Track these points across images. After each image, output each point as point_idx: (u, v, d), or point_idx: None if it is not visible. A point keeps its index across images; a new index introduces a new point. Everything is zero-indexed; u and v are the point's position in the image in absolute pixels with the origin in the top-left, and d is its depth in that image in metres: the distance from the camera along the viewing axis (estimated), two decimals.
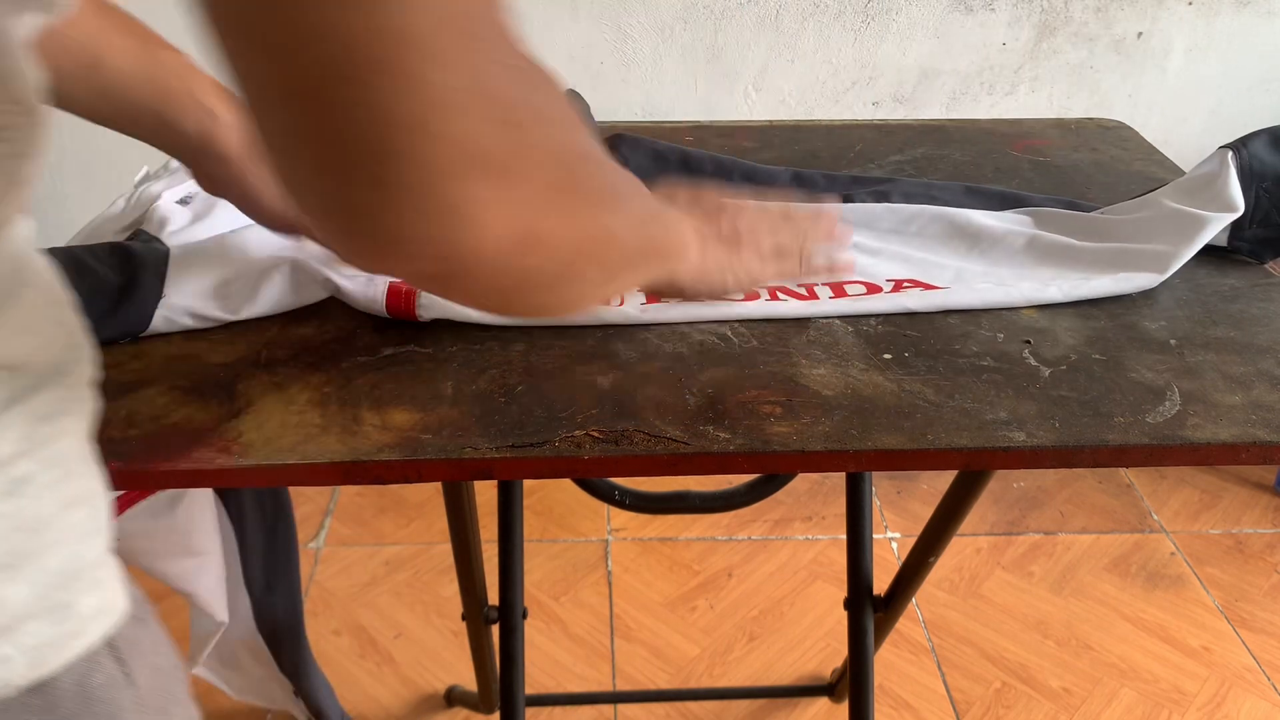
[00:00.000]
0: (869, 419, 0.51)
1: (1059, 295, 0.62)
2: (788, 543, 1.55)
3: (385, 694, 1.29)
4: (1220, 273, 0.67)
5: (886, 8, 1.47)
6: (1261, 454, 0.50)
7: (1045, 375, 0.55)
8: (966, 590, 1.46)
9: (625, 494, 0.90)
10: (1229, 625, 1.40)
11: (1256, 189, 0.67)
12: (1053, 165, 0.86)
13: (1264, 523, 1.60)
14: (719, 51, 1.50)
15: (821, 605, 1.44)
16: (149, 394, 0.53)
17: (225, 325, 0.59)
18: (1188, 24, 1.50)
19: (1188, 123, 1.60)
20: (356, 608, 1.42)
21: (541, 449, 0.49)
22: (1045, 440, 0.50)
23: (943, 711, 1.27)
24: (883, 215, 0.72)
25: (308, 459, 0.48)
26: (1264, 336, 0.60)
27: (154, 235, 0.65)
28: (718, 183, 0.77)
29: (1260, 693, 1.30)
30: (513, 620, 0.91)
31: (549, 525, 1.58)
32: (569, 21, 1.47)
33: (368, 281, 0.60)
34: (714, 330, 0.59)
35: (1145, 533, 1.58)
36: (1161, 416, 0.52)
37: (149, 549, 0.76)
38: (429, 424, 0.51)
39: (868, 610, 0.95)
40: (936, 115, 1.57)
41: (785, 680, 1.32)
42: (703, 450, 0.49)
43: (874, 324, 0.60)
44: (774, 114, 1.56)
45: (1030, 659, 1.35)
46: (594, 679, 1.32)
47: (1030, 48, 1.52)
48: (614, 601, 1.44)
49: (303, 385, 0.54)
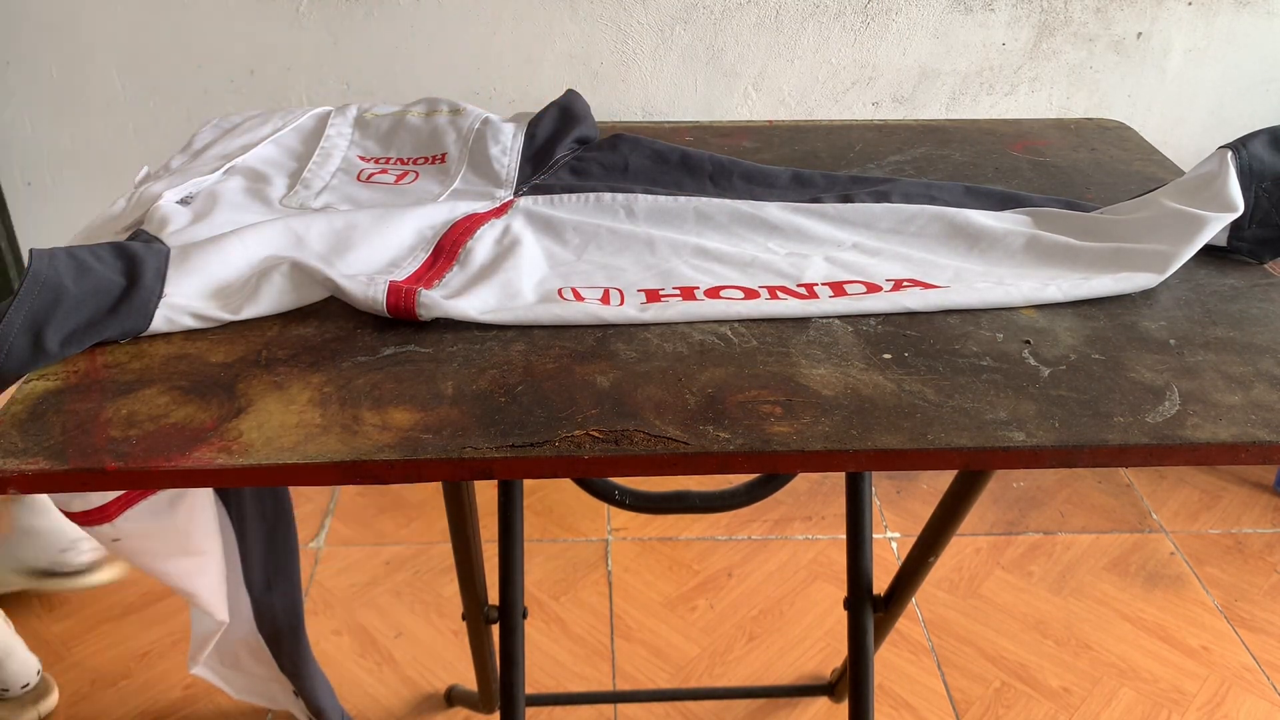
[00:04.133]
0: (869, 419, 0.51)
1: (1058, 295, 0.62)
2: (788, 543, 1.55)
3: (385, 694, 1.29)
4: (1220, 273, 0.67)
5: (886, 8, 1.47)
6: (1261, 454, 0.50)
7: (1045, 375, 0.55)
8: (966, 590, 1.46)
9: (625, 494, 0.90)
10: (1229, 625, 1.40)
11: (1256, 189, 0.67)
12: (1052, 165, 0.86)
13: (1264, 523, 1.60)
14: (719, 51, 1.50)
15: (821, 605, 1.44)
16: (149, 394, 0.53)
17: (225, 325, 0.59)
18: (1187, 24, 1.51)
19: (1187, 123, 1.60)
20: (357, 607, 1.42)
21: (541, 449, 0.49)
22: (1045, 440, 0.50)
23: (942, 711, 1.27)
24: (883, 215, 0.72)
25: (308, 459, 0.48)
26: (1264, 336, 0.60)
27: (154, 235, 0.65)
28: (717, 183, 0.78)
29: (1260, 693, 1.30)
30: (513, 620, 0.91)
31: (549, 525, 1.58)
32: (569, 21, 1.47)
33: (368, 281, 0.60)
34: (714, 330, 0.59)
35: (1145, 532, 1.58)
36: (1161, 416, 0.52)
37: (149, 549, 0.76)
38: (429, 424, 0.51)
39: (868, 610, 0.95)
40: (936, 115, 1.57)
41: (785, 680, 1.32)
42: (703, 450, 0.49)
43: (874, 324, 0.60)
44: (774, 114, 1.56)
45: (1030, 659, 1.35)
46: (594, 679, 1.32)
47: (1030, 48, 1.52)
48: (614, 601, 1.44)
49: (303, 385, 0.54)
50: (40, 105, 1.51)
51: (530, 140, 0.81)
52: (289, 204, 0.74)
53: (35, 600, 1.43)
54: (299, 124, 0.86)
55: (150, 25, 1.45)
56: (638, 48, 1.49)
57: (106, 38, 1.46)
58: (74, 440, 0.49)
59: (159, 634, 1.37)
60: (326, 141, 0.83)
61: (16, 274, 1.62)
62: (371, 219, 0.67)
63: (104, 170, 1.57)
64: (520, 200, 0.75)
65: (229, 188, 0.74)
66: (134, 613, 1.41)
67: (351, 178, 0.79)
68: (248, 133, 0.83)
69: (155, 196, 0.69)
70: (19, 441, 0.49)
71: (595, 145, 0.83)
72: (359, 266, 0.64)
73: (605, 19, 1.47)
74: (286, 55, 1.49)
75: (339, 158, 0.82)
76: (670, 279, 0.65)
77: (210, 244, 0.62)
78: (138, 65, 1.48)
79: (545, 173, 0.79)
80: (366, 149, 0.84)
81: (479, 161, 0.80)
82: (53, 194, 1.59)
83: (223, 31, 1.46)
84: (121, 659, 1.34)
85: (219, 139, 0.83)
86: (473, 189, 0.77)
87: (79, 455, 0.48)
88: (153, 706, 1.27)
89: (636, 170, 0.79)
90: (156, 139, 1.55)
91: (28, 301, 0.53)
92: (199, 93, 1.51)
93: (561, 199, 0.75)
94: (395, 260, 0.66)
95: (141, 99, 1.51)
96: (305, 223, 0.66)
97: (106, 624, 1.39)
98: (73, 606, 1.42)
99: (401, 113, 0.87)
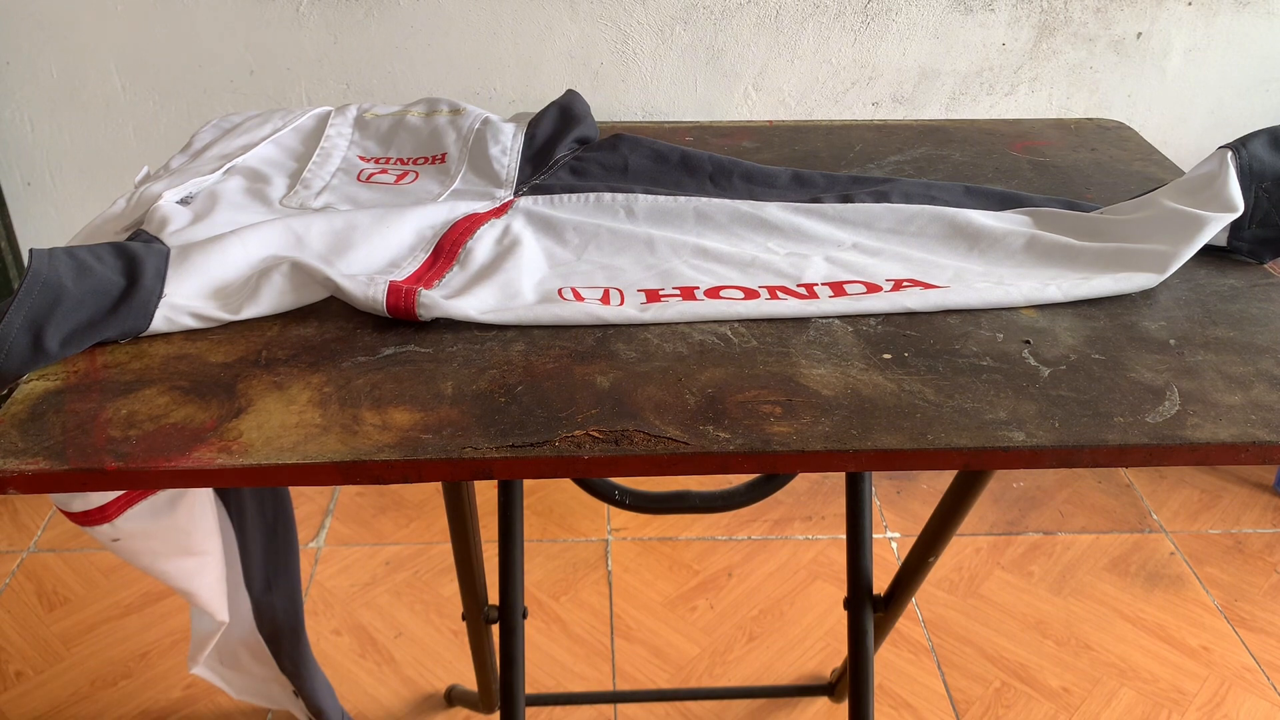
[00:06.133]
0: (869, 419, 0.51)
1: (1058, 295, 0.62)
2: (788, 542, 1.55)
3: (385, 694, 1.29)
4: (1220, 273, 0.67)
5: (886, 8, 1.47)
6: (1261, 454, 0.50)
7: (1045, 375, 0.55)
8: (966, 590, 1.46)
9: (625, 494, 0.90)
10: (1228, 625, 1.40)
11: (1256, 189, 0.67)
12: (1052, 165, 0.86)
13: (1264, 523, 1.60)
14: (719, 52, 1.50)
15: (821, 605, 1.44)
16: (149, 394, 0.53)
17: (225, 325, 0.59)
18: (1187, 24, 1.51)
19: (1187, 123, 1.60)
20: (356, 607, 1.42)
21: (541, 449, 0.49)
22: (1045, 440, 0.50)
23: (942, 711, 1.27)
24: (883, 215, 0.72)
25: (308, 459, 0.48)
26: (1264, 336, 0.60)
27: (154, 235, 0.65)
28: (717, 183, 0.78)
29: (1260, 693, 1.30)
30: (513, 620, 0.91)
31: (549, 525, 1.58)
32: (569, 21, 1.47)
33: (368, 281, 0.60)
34: (714, 330, 0.59)
35: (1145, 532, 1.58)
36: (1161, 416, 0.52)
37: (149, 549, 0.76)
38: (429, 424, 0.51)
39: (868, 610, 0.95)
40: (936, 115, 1.57)
41: (785, 680, 1.32)
42: (703, 450, 0.49)
43: (874, 324, 0.60)
44: (774, 114, 1.56)
45: (1030, 659, 1.35)
46: (594, 679, 1.32)
47: (1030, 48, 1.52)
48: (614, 601, 1.44)
49: (303, 385, 0.54)
50: (40, 105, 1.51)
51: (530, 140, 0.81)
52: (289, 204, 0.74)
53: (35, 600, 1.43)
54: (299, 124, 0.86)
55: (150, 25, 1.45)
56: (638, 48, 1.49)
57: (106, 38, 1.46)
58: (74, 440, 0.49)
59: (159, 634, 1.38)
60: (326, 141, 0.83)
61: (16, 274, 1.61)
62: (371, 219, 0.67)
63: (104, 170, 1.57)
64: (520, 200, 0.75)
65: (229, 188, 0.74)
66: (134, 613, 1.41)
67: (351, 178, 0.79)
68: (248, 133, 0.83)
69: (155, 196, 0.69)
70: (19, 441, 0.49)
71: (595, 145, 0.83)
72: (359, 266, 0.64)
73: (605, 19, 1.47)
74: (286, 55, 1.49)
75: (339, 158, 0.82)
76: (670, 279, 0.65)
77: (210, 244, 0.62)
78: (138, 65, 1.48)
79: (545, 173, 0.79)
80: (366, 149, 0.84)
81: (479, 161, 0.80)
82: (53, 194, 1.59)
83: (223, 31, 1.46)
84: (121, 659, 1.34)
85: (219, 139, 0.83)
86: (473, 189, 0.77)
87: (79, 455, 0.48)
88: (153, 706, 1.27)
89: (636, 170, 0.79)
90: (156, 139, 1.55)
91: (28, 301, 0.53)
92: (199, 93, 1.51)
93: (561, 199, 0.75)
94: (395, 260, 0.66)
95: (141, 99, 1.51)
96: (305, 223, 0.66)
97: (106, 624, 1.39)
98: (73, 606, 1.42)
99: (401, 113, 0.87)
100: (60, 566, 1.49)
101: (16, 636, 1.37)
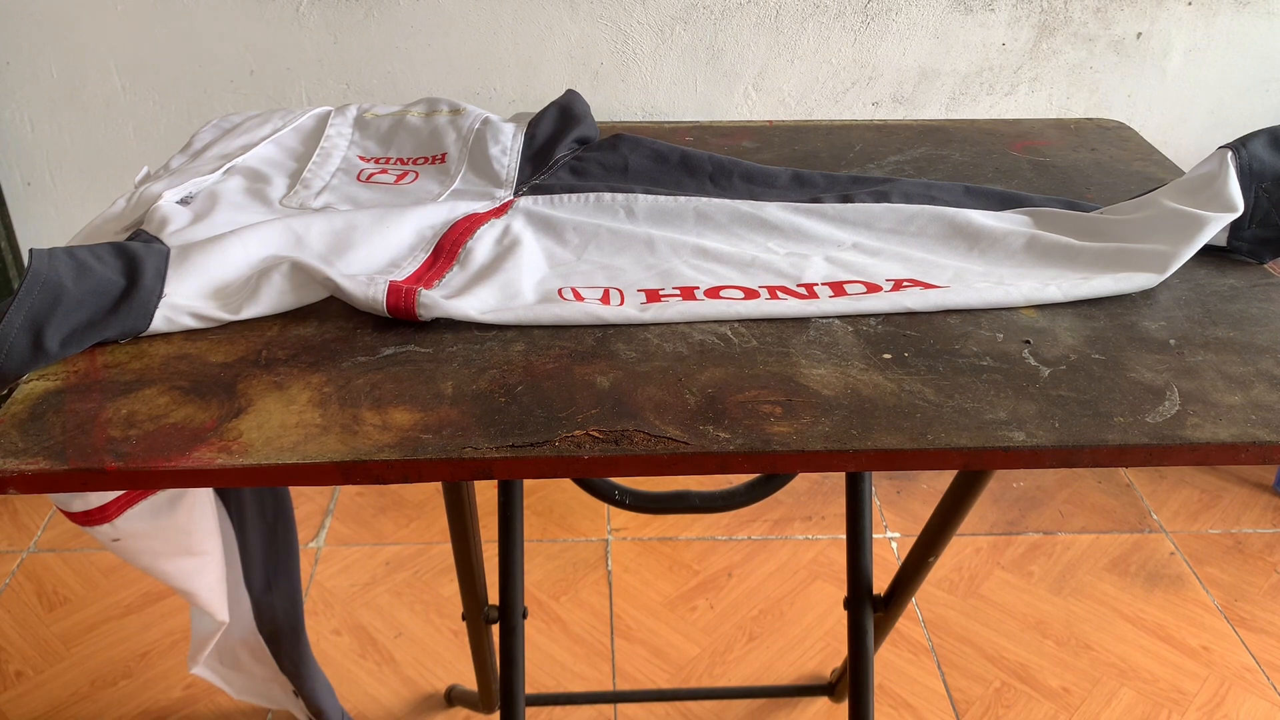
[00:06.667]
0: (869, 419, 0.51)
1: (1058, 295, 0.62)
2: (788, 542, 1.55)
3: (385, 694, 1.29)
4: (1220, 273, 0.67)
5: (886, 8, 1.47)
6: (1261, 454, 0.50)
7: (1045, 375, 0.55)
8: (966, 590, 1.46)
9: (625, 494, 0.90)
10: (1228, 625, 1.40)
11: (1256, 189, 0.67)
12: (1052, 165, 0.86)
13: (1264, 523, 1.60)
14: (719, 51, 1.50)
15: (821, 605, 1.44)
16: (149, 394, 0.53)
17: (225, 325, 0.59)
18: (1187, 24, 1.51)
19: (1187, 123, 1.60)
20: (356, 607, 1.42)
21: (541, 449, 0.49)
22: (1045, 440, 0.50)
23: (942, 711, 1.27)
24: (883, 215, 0.72)
25: (308, 459, 0.48)
26: (1264, 336, 0.60)
27: (154, 235, 0.65)
28: (717, 182, 0.78)
29: (1260, 693, 1.30)
30: (513, 620, 0.91)
31: (549, 525, 1.58)
32: (569, 21, 1.47)
33: (368, 281, 0.60)
34: (714, 330, 0.59)
35: (1145, 532, 1.58)
36: (1161, 416, 0.52)
37: (149, 549, 0.76)
38: (429, 424, 0.51)
39: (867, 610, 0.95)
40: (936, 115, 1.57)
41: (785, 680, 1.32)
42: (703, 450, 0.49)
43: (874, 324, 0.60)
44: (774, 114, 1.56)
45: (1030, 659, 1.35)
46: (594, 679, 1.32)
47: (1030, 48, 1.52)
48: (614, 601, 1.44)
49: (303, 385, 0.54)
50: (40, 105, 1.51)
51: (530, 140, 0.81)
52: (289, 204, 0.74)
53: (35, 600, 1.43)
54: (299, 124, 0.86)
55: (150, 25, 1.45)
56: (638, 48, 1.49)
57: (106, 38, 1.46)
58: (74, 440, 0.49)
59: (159, 634, 1.38)
60: (326, 141, 0.83)
61: (16, 274, 1.62)
62: (371, 219, 0.67)
63: (104, 170, 1.57)
64: (520, 200, 0.75)
65: (229, 188, 0.74)
66: (134, 613, 1.41)
67: (351, 178, 0.79)
68: (247, 133, 0.83)
69: (155, 196, 0.69)
70: (19, 441, 0.49)
71: (595, 145, 0.83)
72: (359, 266, 0.64)
73: (605, 19, 1.47)
74: (286, 55, 1.49)
75: (339, 158, 0.82)
76: (670, 279, 0.65)
77: (210, 244, 0.62)
78: (138, 65, 1.48)
79: (545, 173, 0.79)
80: (366, 149, 0.84)
81: (479, 161, 0.80)
82: (53, 194, 1.59)
83: (223, 31, 1.46)
84: (121, 659, 1.34)
85: (219, 139, 0.82)
86: (473, 189, 0.77)
87: (79, 455, 0.48)
88: (153, 706, 1.27)
89: (636, 170, 0.79)
90: (156, 139, 1.55)
91: (28, 301, 0.53)
92: (199, 93, 1.51)
93: (561, 199, 0.75)
94: (395, 260, 0.66)
95: (141, 99, 1.51)
96: (305, 223, 0.66)
97: (106, 624, 1.39)
98: (73, 606, 1.42)
99: (401, 113, 0.87)
100: (60, 566, 1.49)
101: (16, 636, 1.37)
